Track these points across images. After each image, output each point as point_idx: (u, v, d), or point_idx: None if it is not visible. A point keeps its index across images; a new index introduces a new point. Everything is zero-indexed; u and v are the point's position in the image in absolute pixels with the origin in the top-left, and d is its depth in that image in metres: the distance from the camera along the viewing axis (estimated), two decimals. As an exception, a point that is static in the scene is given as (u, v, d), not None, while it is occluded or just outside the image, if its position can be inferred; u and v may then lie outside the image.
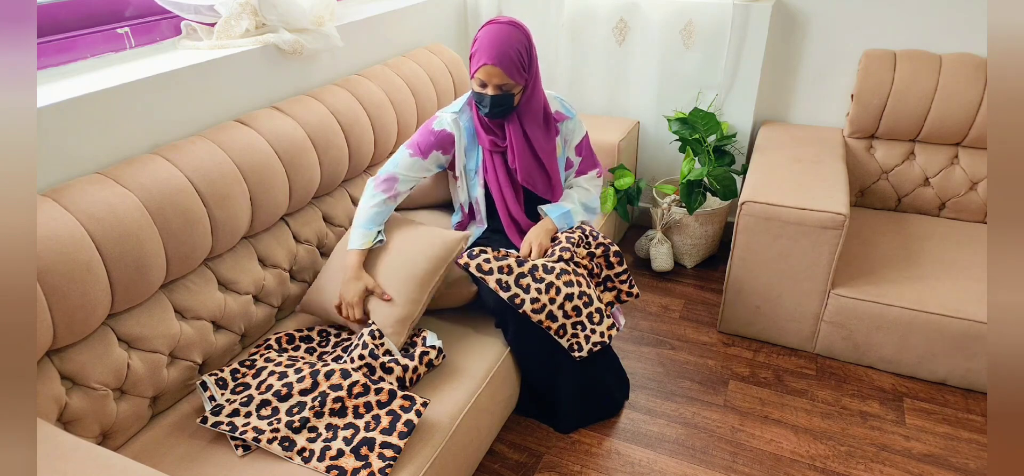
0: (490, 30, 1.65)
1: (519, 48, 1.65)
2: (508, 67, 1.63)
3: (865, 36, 2.34)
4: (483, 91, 1.67)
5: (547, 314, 1.64)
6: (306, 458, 1.30)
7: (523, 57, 1.66)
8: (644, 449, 1.82)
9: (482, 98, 1.68)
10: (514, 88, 1.67)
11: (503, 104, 1.68)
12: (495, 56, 1.61)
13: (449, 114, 1.79)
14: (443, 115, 1.79)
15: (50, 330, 1.21)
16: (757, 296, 2.13)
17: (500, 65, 1.62)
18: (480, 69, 1.64)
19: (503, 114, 1.71)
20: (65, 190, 1.30)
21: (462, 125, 1.78)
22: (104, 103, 1.42)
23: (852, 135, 2.39)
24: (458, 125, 1.78)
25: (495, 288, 1.63)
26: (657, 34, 2.55)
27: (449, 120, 1.77)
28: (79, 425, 1.29)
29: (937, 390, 1.99)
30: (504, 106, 1.69)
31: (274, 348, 1.64)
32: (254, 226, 1.67)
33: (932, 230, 2.25)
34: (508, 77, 1.64)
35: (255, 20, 1.83)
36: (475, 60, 1.66)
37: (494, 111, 1.69)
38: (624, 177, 2.48)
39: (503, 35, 1.64)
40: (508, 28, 1.65)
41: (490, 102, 1.67)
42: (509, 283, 1.63)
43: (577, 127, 1.89)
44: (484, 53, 1.63)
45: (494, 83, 1.64)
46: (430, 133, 1.78)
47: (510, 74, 1.63)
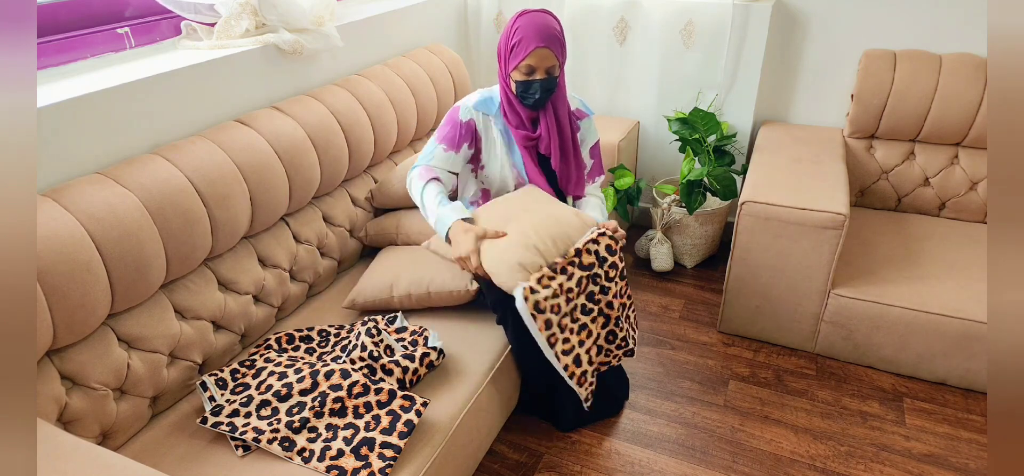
0: (531, 17, 1.65)
1: (559, 30, 1.68)
2: (557, 47, 1.64)
3: (865, 36, 2.34)
4: (531, 78, 1.66)
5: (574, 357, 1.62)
6: (306, 458, 1.30)
7: (563, 37, 1.69)
8: (644, 449, 1.82)
9: (529, 86, 1.67)
10: (557, 71, 1.68)
11: (550, 89, 1.68)
12: (545, 38, 1.62)
13: (476, 111, 1.78)
14: (466, 104, 1.78)
15: (50, 330, 1.21)
16: (757, 296, 2.13)
17: (550, 46, 1.62)
18: (530, 54, 1.62)
19: (547, 101, 1.71)
20: (65, 190, 1.30)
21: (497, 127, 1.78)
22: (104, 103, 1.42)
23: (852, 135, 2.39)
24: (489, 122, 1.78)
25: (541, 334, 1.54)
26: (657, 34, 2.55)
27: (473, 112, 1.77)
28: (79, 425, 1.29)
29: (937, 390, 1.99)
30: (550, 92, 1.69)
31: (274, 348, 1.64)
32: (254, 226, 1.67)
33: (932, 230, 2.25)
34: (557, 58, 1.65)
35: (255, 20, 1.83)
36: (522, 47, 1.63)
37: (543, 98, 1.68)
38: (624, 177, 2.48)
39: (545, 19, 1.65)
40: (545, 14, 1.68)
41: (540, 88, 1.66)
42: (553, 327, 1.55)
43: (592, 129, 1.89)
44: (533, 38, 1.62)
45: (544, 67, 1.64)
46: (458, 125, 1.76)
47: (558, 55, 1.65)
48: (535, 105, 1.70)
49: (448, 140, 1.77)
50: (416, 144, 2.34)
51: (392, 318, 1.76)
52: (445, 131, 1.78)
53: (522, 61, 1.63)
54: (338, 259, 1.99)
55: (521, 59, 1.63)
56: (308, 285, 1.88)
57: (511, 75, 1.69)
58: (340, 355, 1.57)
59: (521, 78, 1.67)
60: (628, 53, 2.66)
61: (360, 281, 1.83)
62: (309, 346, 1.66)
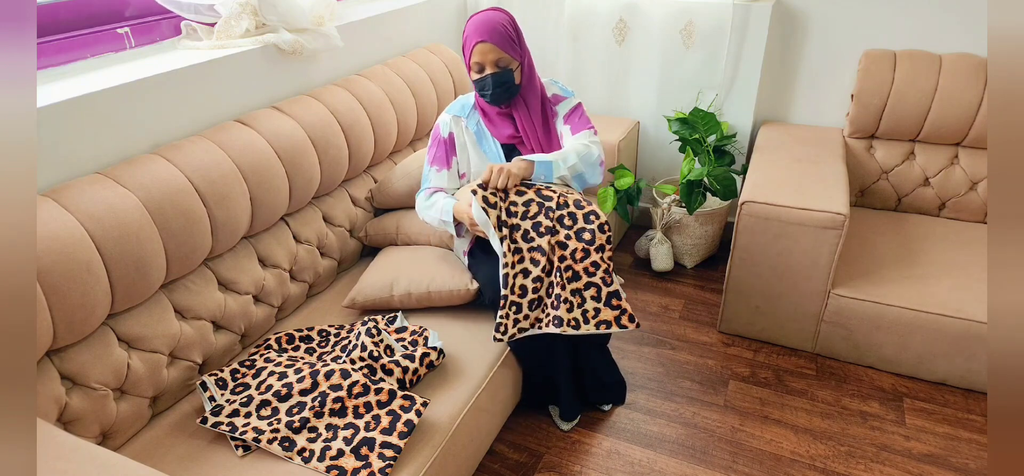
0: (476, 17, 1.72)
1: (505, 23, 1.70)
2: (499, 40, 1.66)
3: (865, 36, 2.34)
4: (482, 75, 1.70)
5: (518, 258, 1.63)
6: (306, 458, 1.30)
7: (511, 31, 1.71)
8: (644, 449, 1.82)
9: (483, 82, 1.70)
10: (511, 64, 1.70)
11: (504, 82, 1.70)
12: (484, 32, 1.66)
13: (448, 116, 1.83)
14: (443, 119, 1.83)
15: (50, 330, 1.21)
16: (757, 296, 2.13)
17: (491, 39, 1.65)
18: (474, 50, 1.67)
19: (508, 96, 1.73)
20: (65, 190, 1.30)
21: (469, 127, 1.81)
22: (104, 103, 1.42)
23: (852, 135, 2.39)
24: (460, 125, 1.81)
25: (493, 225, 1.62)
26: (657, 34, 2.55)
27: (448, 121, 1.82)
28: (79, 425, 1.29)
29: (937, 390, 1.99)
30: (506, 85, 1.71)
31: (274, 348, 1.64)
32: (254, 226, 1.67)
33: (932, 230, 2.25)
34: (502, 50, 1.67)
35: (255, 20, 1.83)
36: (467, 47, 1.70)
37: (497, 92, 1.70)
38: (624, 177, 2.48)
39: (487, 15, 1.70)
40: (492, 11, 1.72)
41: (491, 82, 1.69)
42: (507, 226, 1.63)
43: (572, 103, 1.86)
44: (473, 35, 1.67)
45: (490, 60, 1.67)
46: (441, 143, 1.82)
47: (503, 47, 1.67)
48: (494, 100, 1.73)
49: (438, 160, 1.83)
50: (416, 144, 2.34)
51: (392, 318, 1.76)
52: (433, 152, 1.84)
53: (470, 59, 1.69)
54: (338, 259, 1.99)
55: (469, 57, 1.70)
56: (308, 285, 1.88)
57: (470, 77, 1.74)
58: (340, 355, 1.57)
59: (475, 76, 1.72)
60: (628, 53, 2.66)
61: (360, 281, 1.83)
62: (309, 346, 1.66)
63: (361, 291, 1.79)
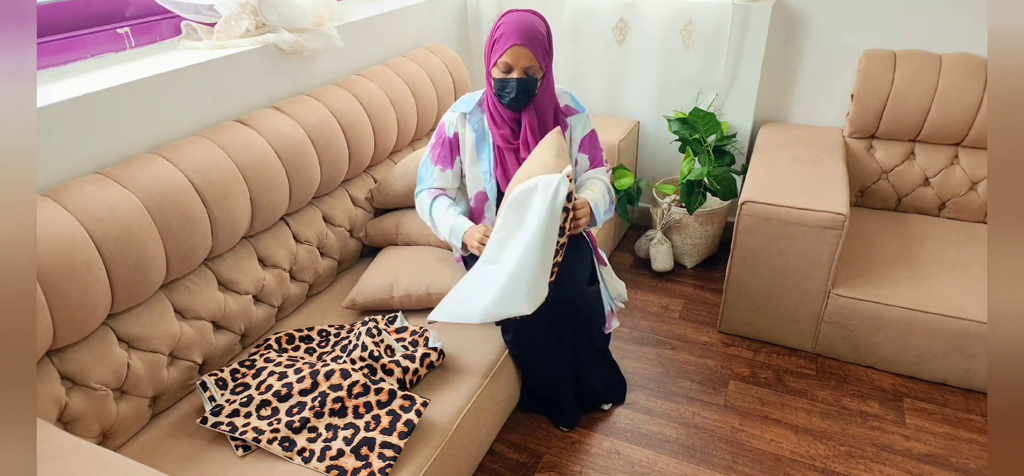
0: (514, 16, 1.64)
1: (544, 32, 1.65)
2: (536, 48, 1.61)
3: (865, 36, 2.34)
4: (507, 76, 1.64)
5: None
6: (306, 458, 1.30)
7: (547, 42, 1.66)
8: (644, 449, 1.82)
9: (506, 84, 1.64)
10: (538, 72, 1.65)
11: (527, 90, 1.65)
12: (523, 36, 1.59)
13: (454, 114, 1.78)
14: (449, 117, 1.79)
15: (50, 330, 1.21)
16: (757, 296, 2.12)
17: (528, 45, 1.60)
18: (507, 51, 1.60)
19: (525, 102, 1.68)
20: (65, 190, 1.30)
21: (471, 125, 1.77)
22: (104, 103, 1.42)
23: (852, 135, 2.39)
24: (465, 123, 1.77)
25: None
26: (657, 34, 2.55)
27: (454, 120, 1.78)
28: (79, 425, 1.29)
29: (937, 390, 1.99)
30: (528, 93, 1.66)
31: (274, 348, 1.64)
32: (254, 226, 1.67)
33: (932, 230, 2.25)
34: (535, 59, 1.61)
35: (255, 20, 1.83)
36: (500, 44, 1.62)
37: (518, 98, 1.65)
38: (624, 177, 2.48)
39: (528, 19, 1.63)
40: (532, 14, 1.66)
41: (515, 87, 1.63)
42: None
43: (581, 124, 1.83)
44: (511, 35, 1.60)
45: (521, 66, 1.61)
46: (446, 142, 1.79)
47: (537, 56, 1.62)
48: (511, 105, 1.67)
49: (442, 160, 1.80)
50: (416, 144, 2.34)
51: (392, 318, 1.76)
52: (437, 151, 1.80)
53: (500, 57, 1.62)
54: (338, 259, 1.99)
55: (500, 55, 1.62)
56: (308, 285, 1.88)
57: (492, 72, 1.67)
58: (340, 355, 1.57)
59: (499, 75, 1.65)
60: (628, 53, 2.66)
61: (360, 281, 1.83)
62: (309, 346, 1.66)
63: (361, 291, 1.79)
